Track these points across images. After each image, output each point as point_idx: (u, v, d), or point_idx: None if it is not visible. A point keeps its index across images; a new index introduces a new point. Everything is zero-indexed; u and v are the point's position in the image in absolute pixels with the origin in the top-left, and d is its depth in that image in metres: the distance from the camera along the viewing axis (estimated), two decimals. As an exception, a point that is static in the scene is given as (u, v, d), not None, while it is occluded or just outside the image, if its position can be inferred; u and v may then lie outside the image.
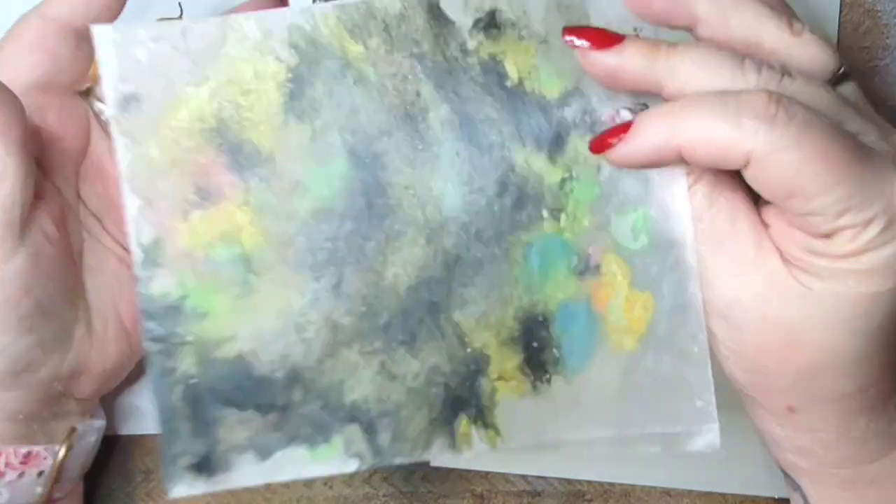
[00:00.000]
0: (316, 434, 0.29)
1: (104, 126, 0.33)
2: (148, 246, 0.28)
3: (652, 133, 0.25)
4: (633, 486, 0.39)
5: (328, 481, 0.40)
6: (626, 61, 0.26)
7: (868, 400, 0.27)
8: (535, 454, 0.39)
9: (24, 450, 0.32)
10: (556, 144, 0.27)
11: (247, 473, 0.29)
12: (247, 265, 0.28)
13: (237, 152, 0.28)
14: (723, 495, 0.39)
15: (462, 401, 0.29)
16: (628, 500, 0.39)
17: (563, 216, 0.28)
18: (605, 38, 0.26)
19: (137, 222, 0.28)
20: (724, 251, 0.26)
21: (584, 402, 0.29)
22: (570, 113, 0.27)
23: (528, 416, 0.29)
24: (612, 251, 0.28)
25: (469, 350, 0.29)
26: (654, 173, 0.27)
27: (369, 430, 0.29)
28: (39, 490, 0.33)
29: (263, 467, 0.29)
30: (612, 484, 0.39)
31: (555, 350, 0.29)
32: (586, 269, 0.28)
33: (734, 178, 0.27)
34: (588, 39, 0.26)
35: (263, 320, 0.28)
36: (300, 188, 0.28)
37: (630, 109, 0.26)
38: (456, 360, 0.29)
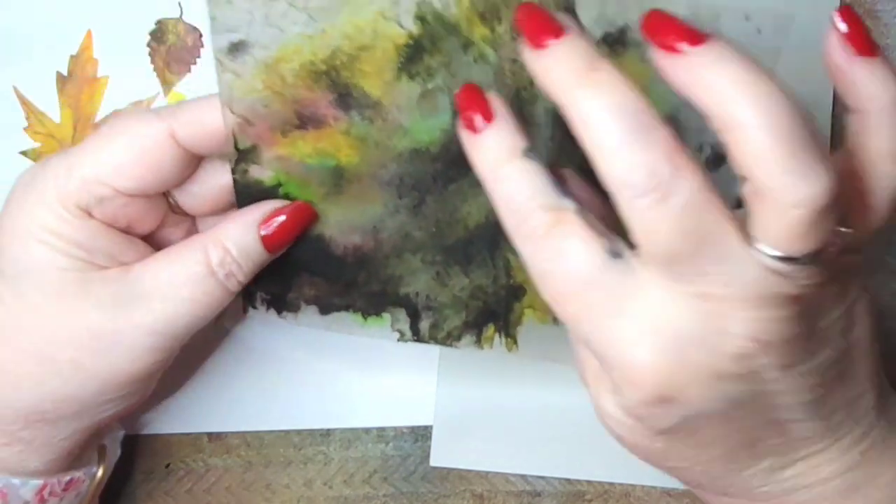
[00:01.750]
0: (369, 307, 0.33)
1: (177, 211, 0.33)
2: (245, 150, 0.31)
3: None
4: (633, 486, 0.39)
5: (328, 481, 0.40)
6: (551, 67, 0.23)
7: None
8: (535, 454, 0.39)
9: (66, 478, 0.33)
10: None
11: (309, 319, 0.34)
12: (339, 174, 0.31)
13: (346, 93, 0.30)
14: (723, 495, 0.39)
15: (495, 314, 0.33)
16: (628, 500, 0.39)
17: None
18: (538, 31, 0.24)
19: (236, 134, 0.30)
20: None
21: None
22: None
23: (544, 338, 0.33)
24: None
25: (511, 281, 0.32)
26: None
27: (414, 316, 0.34)
28: None
29: (323, 320, 0.34)
30: (612, 484, 0.39)
31: None
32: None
33: None
34: (524, 28, 0.24)
35: (347, 215, 0.32)
36: (401, 130, 0.30)
37: (712, 146, 0.27)
38: (499, 285, 0.32)
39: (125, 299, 0.30)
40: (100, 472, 0.34)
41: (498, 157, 0.25)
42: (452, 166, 0.31)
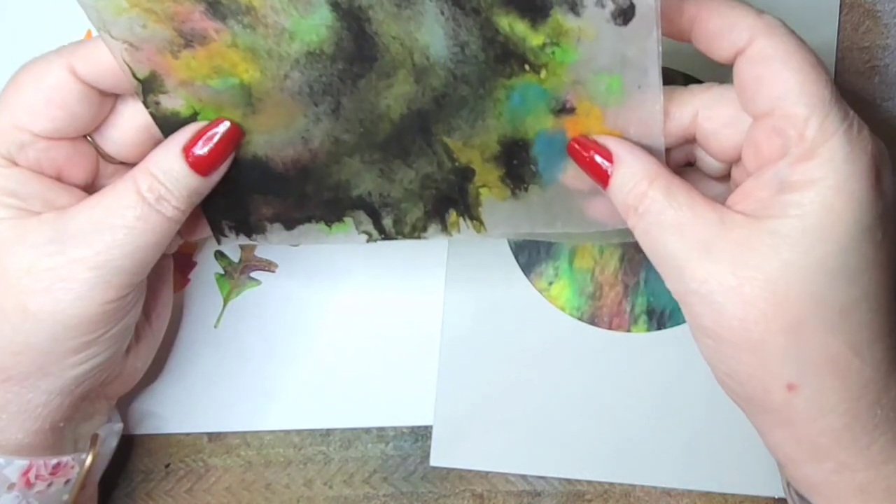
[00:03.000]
0: (329, 215, 0.34)
1: (108, 159, 0.33)
2: (146, 78, 0.30)
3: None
4: (633, 486, 0.39)
5: (328, 481, 0.40)
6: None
7: (868, 371, 0.26)
8: (535, 454, 0.39)
9: (53, 461, 0.32)
10: (538, 15, 0.28)
11: (278, 236, 0.34)
12: (247, 92, 0.31)
13: (215, 2, 0.29)
14: (723, 495, 0.39)
15: (451, 199, 0.33)
16: (628, 500, 0.39)
17: (543, 71, 0.29)
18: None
19: (129, 62, 0.30)
20: (689, 237, 0.27)
21: (556, 205, 0.32)
22: None
23: (507, 214, 0.33)
24: (588, 100, 0.29)
25: (457, 164, 0.32)
26: (629, 53, 0.28)
27: (374, 215, 0.33)
28: (66, 497, 0.34)
29: (290, 234, 0.34)
30: (612, 484, 0.39)
31: (532, 166, 0.31)
32: (563, 108, 0.30)
33: (686, 173, 0.31)
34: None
35: (273, 132, 0.32)
36: (287, 34, 0.29)
37: (614, 0, 0.26)
38: (445, 170, 0.32)
39: (60, 238, 0.30)
40: (89, 460, 0.34)
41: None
42: (353, 62, 0.30)
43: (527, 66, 0.29)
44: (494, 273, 0.40)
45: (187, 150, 0.31)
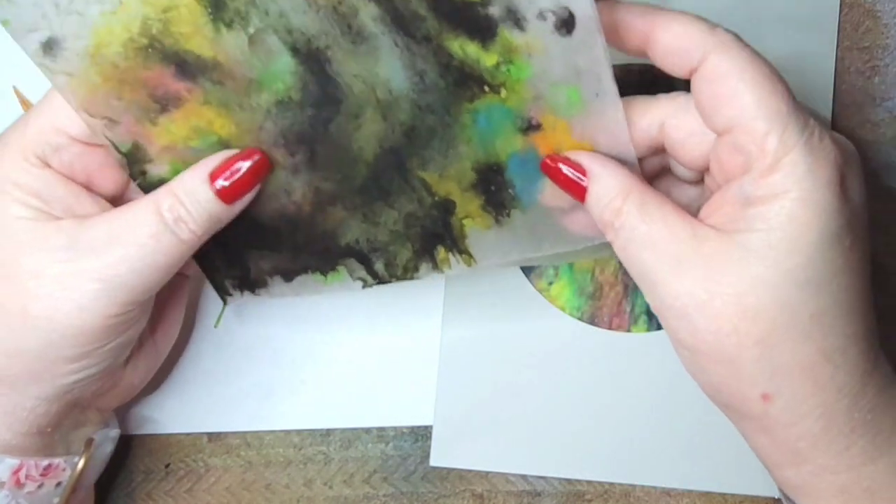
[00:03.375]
0: (323, 265, 0.34)
1: (142, 187, 0.33)
2: (129, 151, 0.31)
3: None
4: (633, 486, 0.39)
5: (328, 481, 0.40)
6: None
7: (842, 377, 0.27)
8: (535, 454, 0.39)
9: (44, 462, 0.32)
10: (486, 35, 0.28)
11: (279, 289, 0.35)
12: (226, 146, 0.31)
13: (182, 62, 0.29)
14: (723, 495, 0.39)
15: (437, 235, 0.33)
16: (628, 500, 0.39)
17: (502, 90, 0.29)
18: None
19: (111, 137, 0.31)
20: (662, 252, 0.27)
21: (540, 227, 0.32)
22: (494, 10, 0.27)
23: (494, 242, 0.33)
24: (551, 113, 0.29)
25: (437, 198, 0.32)
26: (580, 62, 0.28)
27: (365, 261, 0.34)
28: (57, 500, 0.33)
29: (290, 287, 0.35)
30: (612, 484, 0.39)
31: (510, 190, 0.31)
32: (529, 126, 0.30)
33: (661, 177, 0.32)
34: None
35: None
36: (254, 85, 0.30)
37: (552, 11, 0.27)
38: (426, 206, 0.32)
39: (74, 246, 0.30)
40: (81, 464, 0.34)
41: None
42: (321, 107, 0.30)
43: (486, 88, 0.29)
44: (494, 273, 0.40)
45: (214, 175, 0.31)
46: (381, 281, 0.35)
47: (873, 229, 0.29)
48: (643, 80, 0.39)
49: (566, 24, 0.27)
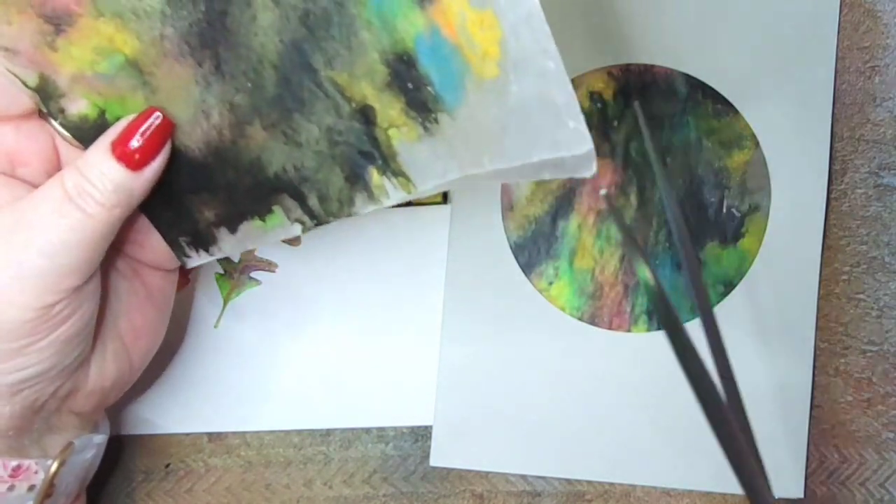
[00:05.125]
0: (259, 205, 0.32)
1: (69, 140, 0.31)
2: (38, 86, 0.30)
3: None
4: (633, 486, 0.39)
5: (328, 481, 0.40)
6: None
7: None
8: (535, 454, 0.39)
9: (13, 463, 0.31)
10: None
11: (228, 243, 0.34)
12: (136, 68, 0.30)
13: None
14: (723, 495, 0.39)
15: (365, 154, 0.30)
16: (628, 500, 0.39)
17: None
18: None
19: (14, 70, 0.29)
20: None
21: (472, 136, 0.28)
22: None
23: (429, 158, 0.29)
24: None
25: (353, 104, 0.29)
26: None
27: (297, 196, 0.32)
28: None
29: (236, 238, 0.33)
30: (612, 484, 0.39)
31: (429, 88, 0.28)
32: None
33: None
34: None
35: (177, 112, 0.30)
36: None
37: None
38: (345, 116, 0.29)
39: None
40: (53, 467, 0.32)
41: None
42: None
43: None
44: (494, 273, 0.40)
45: (116, 144, 0.29)
46: (319, 221, 0.32)
47: (874, 229, 0.29)
48: (643, 80, 0.39)
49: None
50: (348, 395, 0.40)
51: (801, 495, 0.38)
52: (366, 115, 0.29)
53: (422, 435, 0.40)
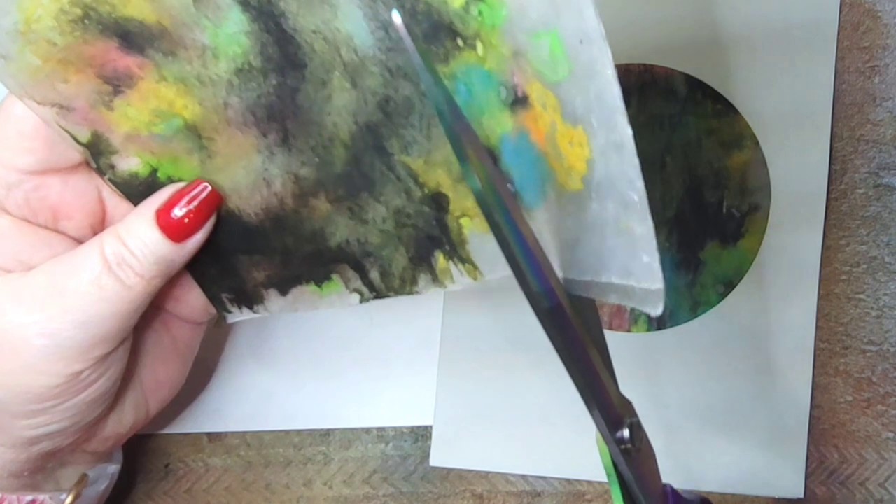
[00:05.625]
0: (317, 272, 0.31)
1: (116, 190, 0.30)
2: (90, 141, 0.28)
3: None
4: (633, 486, 0.39)
5: (328, 481, 0.40)
6: None
7: None
8: (535, 454, 0.39)
9: (28, 498, 0.31)
10: None
11: (276, 304, 0.33)
12: (194, 132, 0.29)
13: (125, 33, 0.26)
14: (723, 495, 0.39)
15: (434, 239, 0.29)
16: (628, 501, 0.39)
17: (478, 44, 0.25)
18: None
19: (65, 126, 0.28)
20: None
21: (545, 238, 0.27)
22: None
23: (498, 249, 0.28)
24: (537, 80, 0.24)
25: (426, 190, 0.28)
26: None
27: (359, 268, 0.31)
28: None
29: (286, 301, 0.33)
30: (612, 484, 0.39)
31: (508, 185, 0.27)
32: (516, 99, 0.25)
33: None
34: None
35: (234, 177, 0.29)
36: (209, 52, 0.27)
37: None
38: (416, 201, 0.29)
39: (18, 298, 0.27)
40: (68, 501, 0.32)
41: None
42: (285, 73, 0.27)
43: (460, 41, 0.25)
44: (494, 273, 0.40)
45: (160, 213, 0.28)
46: (378, 294, 0.31)
47: (873, 229, 0.29)
48: (642, 80, 0.39)
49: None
50: (348, 395, 0.40)
51: (801, 495, 0.38)
52: (438, 201, 0.29)
53: (422, 435, 0.40)
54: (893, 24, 0.39)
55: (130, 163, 0.29)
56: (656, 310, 0.24)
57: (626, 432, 0.24)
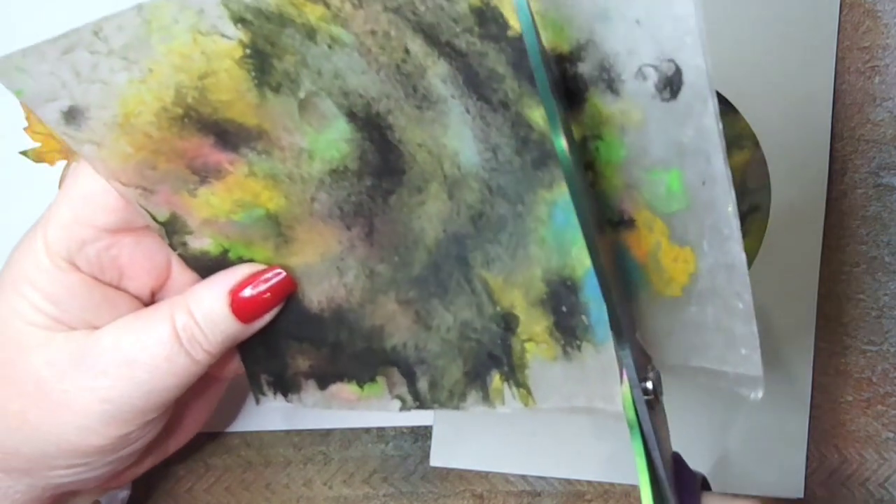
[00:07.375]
0: (362, 372, 0.30)
1: (183, 258, 0.30)
2: (167, 221, 0.28)
3: None
4: (633, 486, 0.39)
5: (328, 481, 0.40)
6: None
7: None
8: (535, 454, 0.39)
9: None
10: (573, 102, 0.24)
11: (312, 397, 0.32)
12: (275, 221, 0.28)
13: (222, 132, 0.26)
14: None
15: (494, 358, 0.28)
16: (628, 500, 0.39)
17: (589, 174, 0.24)
18: None
19: (146, 206, 0.28)
20: None
21: (613, 372, 0.26)
22: (585, 68, 0.23)
23: (559, 380, 0.27)
24: (647, 210, 0.24)
25: (498, 308, 0.28)
26: (685, 136, 0.22)
27: (408, 374, 0.30)
28: None
29: (323, 395, 0.31)
30: (612, 484, 0.39)
31: (584, 317, 0.26)
32: (620, 221, 0.25)
33: None
34: None
35: (308, 263, 0.29)
36: (305, 154, 0.27)
37: (654, 67, 0.22)
38: (486, 317, 0.28)
39: (81, 360, 0.28)
40: None
41: None
42: (381, 177, 0.27)
43: None
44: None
45: (234, 293, 0.29)
46: (421, 405, 0.30)
47: (873, 229, 0.29)
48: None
49: (671, 83, 0.22)
50: (348, 395, 0.40)
51: (801, 495, 0.38)
52: (507, 321, 0.28)
53: (422, 435, 0.40)
54: (893, 24, 0.39)
55: (203, 242, 0.29)
56: (756, 394, 0.25)
57: (649, 384, 0.25)
